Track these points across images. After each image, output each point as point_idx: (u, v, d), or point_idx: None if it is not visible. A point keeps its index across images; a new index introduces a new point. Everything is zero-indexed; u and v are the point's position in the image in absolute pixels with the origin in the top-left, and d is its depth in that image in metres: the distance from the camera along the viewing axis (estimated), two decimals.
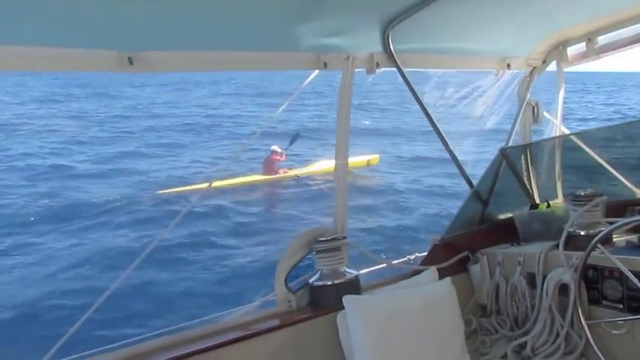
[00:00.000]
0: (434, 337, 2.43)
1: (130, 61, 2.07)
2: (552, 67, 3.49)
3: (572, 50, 3.37)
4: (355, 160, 15.09)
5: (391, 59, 2.79)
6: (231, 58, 2.40)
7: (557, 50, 3.38)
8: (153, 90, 42.31)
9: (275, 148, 15.65)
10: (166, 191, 13.73)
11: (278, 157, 15.62)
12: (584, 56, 3.31)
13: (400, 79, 2.94)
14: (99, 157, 19.31)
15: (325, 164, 15.41)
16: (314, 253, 2.65)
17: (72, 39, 1.94)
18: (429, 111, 3.07)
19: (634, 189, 3.22)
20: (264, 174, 15.51)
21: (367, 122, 24.43)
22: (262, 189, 15.11)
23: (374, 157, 17.13)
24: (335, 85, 2.66)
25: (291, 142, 16.36)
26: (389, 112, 29.23)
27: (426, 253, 3.08)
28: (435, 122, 3.09)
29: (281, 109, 2.90)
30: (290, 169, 15.87)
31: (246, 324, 2.45)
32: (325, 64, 2.59)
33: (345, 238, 2.73)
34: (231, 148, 19.77)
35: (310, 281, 2.66)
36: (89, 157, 19.42)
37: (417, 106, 3.05)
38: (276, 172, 15.54)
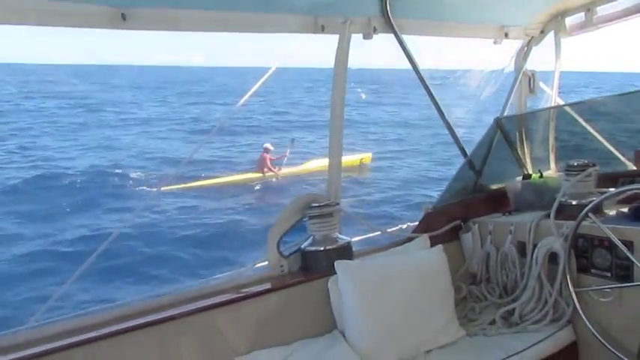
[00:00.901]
0: (424, 303, 2.45)
1: (123, 17, 2.02)
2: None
3: (570, 20, 3.34)
4: (348, 159, 15.12)
5: (388, 24, 2.76)
6: (226, 18, 2.35)
7: (556, 20, 3.35)
8: (121, 91, 42.87)
9: (267, 145, 15.51)
10: (169, 187, 13.73)
11: (271, 156, 15.46)
12: (582, 27, 3.28)
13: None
14: None
15: (320, 162, 15.15)
16: (307, 218, 2.66)
17: None
18: (425, 79, 3.05)
19: (626, 161, 3.23)
20: (257, 172, 15.40)
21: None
22: None
23: (367, 156, 17.21)
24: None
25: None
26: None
27: (417, 222, 3.09)
28: (431, 90, 3.07)
29: (244, 99, 2.74)
30: (284, 167, 15.68)
31: (237, 287, 2.46)
32: (323, 28, 2.55)
33: (338, 204, 2.73)
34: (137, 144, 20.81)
35: (302, 246, 2.67)
36: None
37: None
38: (270, 170, 15.39)
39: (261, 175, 15.28)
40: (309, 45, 2.65)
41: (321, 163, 15.10)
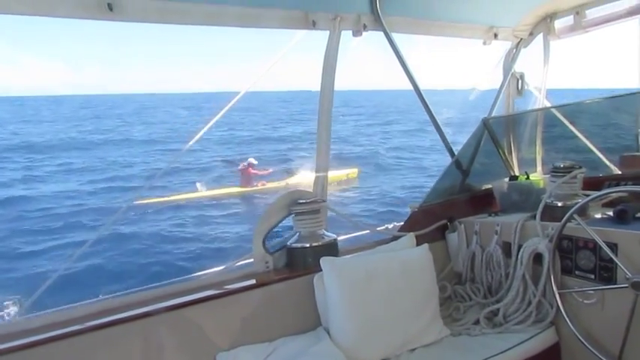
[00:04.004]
0: (409, 301, 2.44)
1: (110, 7, 1.99)
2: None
3: (559, 23, 3.37)
4: (335, 174, 15.49)
5: (378, 22, 2.75)
6: (217, 12, 2.31)
7: (545, 22, 3.37)
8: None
9: (252, 160, 15.58)
10: (144, 201, 13.68)
11: (255, 171, 15.51)
12: (571, 29, 3.30)
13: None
14: None
15: (305, 176, 15.07)
16: (293, 215, 2.64)
17: None
18: (414, 77, 3.05)
19: (611, 166, 3.25)
20: (241, 186, 15.45)
21: None
22: None
23: (353, 171, 17.62)
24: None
25: None
26: None
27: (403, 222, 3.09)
28: (420, 89, 3.07)
29: (214, 120, 2.73)
30: (268, 182, 15.69)
31: (222, 283, 2.44)
32: (314, 23, 2.54)
33: (324, 201, 2.72)
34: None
35: (288, 243, 2.66)
36: None
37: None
38: (254, 185, 15.44)
39: (245, 189, 15.35)
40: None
41: (303, 178, 15.16)
